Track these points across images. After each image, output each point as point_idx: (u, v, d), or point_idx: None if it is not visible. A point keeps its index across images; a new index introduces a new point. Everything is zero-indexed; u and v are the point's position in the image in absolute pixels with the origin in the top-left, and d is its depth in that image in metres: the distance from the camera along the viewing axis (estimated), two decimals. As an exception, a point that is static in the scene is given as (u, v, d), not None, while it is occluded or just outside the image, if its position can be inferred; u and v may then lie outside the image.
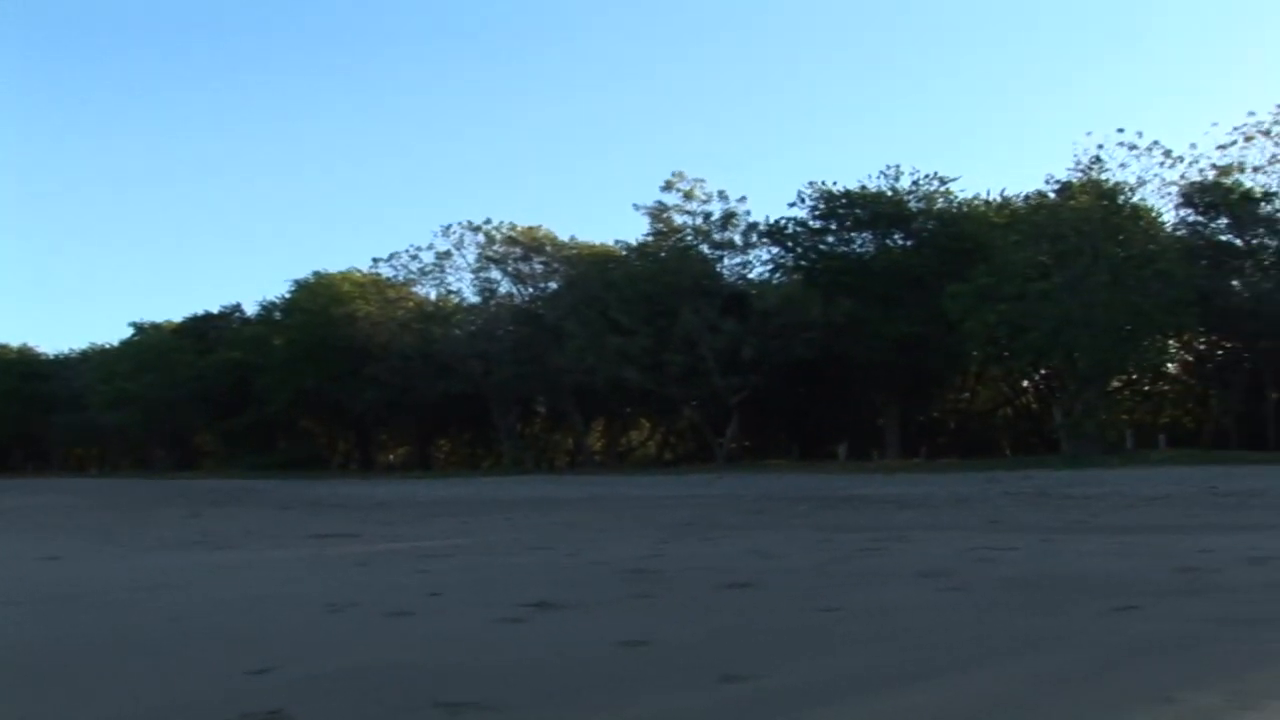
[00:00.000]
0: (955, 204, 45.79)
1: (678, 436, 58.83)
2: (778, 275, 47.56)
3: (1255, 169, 41.97)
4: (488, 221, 50.74)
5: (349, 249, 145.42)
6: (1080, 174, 41.31)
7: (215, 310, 63.54)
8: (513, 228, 50.61)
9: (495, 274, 51.32)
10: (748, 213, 46.34)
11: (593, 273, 46.80)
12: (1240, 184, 42.20)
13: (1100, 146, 41.47)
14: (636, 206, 46.79)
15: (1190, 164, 42.43)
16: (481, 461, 58.75)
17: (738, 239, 46.60)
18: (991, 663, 5.62)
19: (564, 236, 51.30)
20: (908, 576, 9.32)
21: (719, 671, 5.45)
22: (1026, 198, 44.05)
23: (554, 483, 36.36)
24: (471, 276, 51.65)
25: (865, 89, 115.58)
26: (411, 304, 53.08)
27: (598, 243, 51.07)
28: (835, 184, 45.69)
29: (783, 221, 46.43)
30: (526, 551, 13.13)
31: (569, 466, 53.24)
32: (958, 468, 35.29)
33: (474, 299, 52.20)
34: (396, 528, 19.00)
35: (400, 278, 53.57)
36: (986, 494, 22.21)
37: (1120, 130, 42.82)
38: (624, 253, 48.43)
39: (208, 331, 61.07)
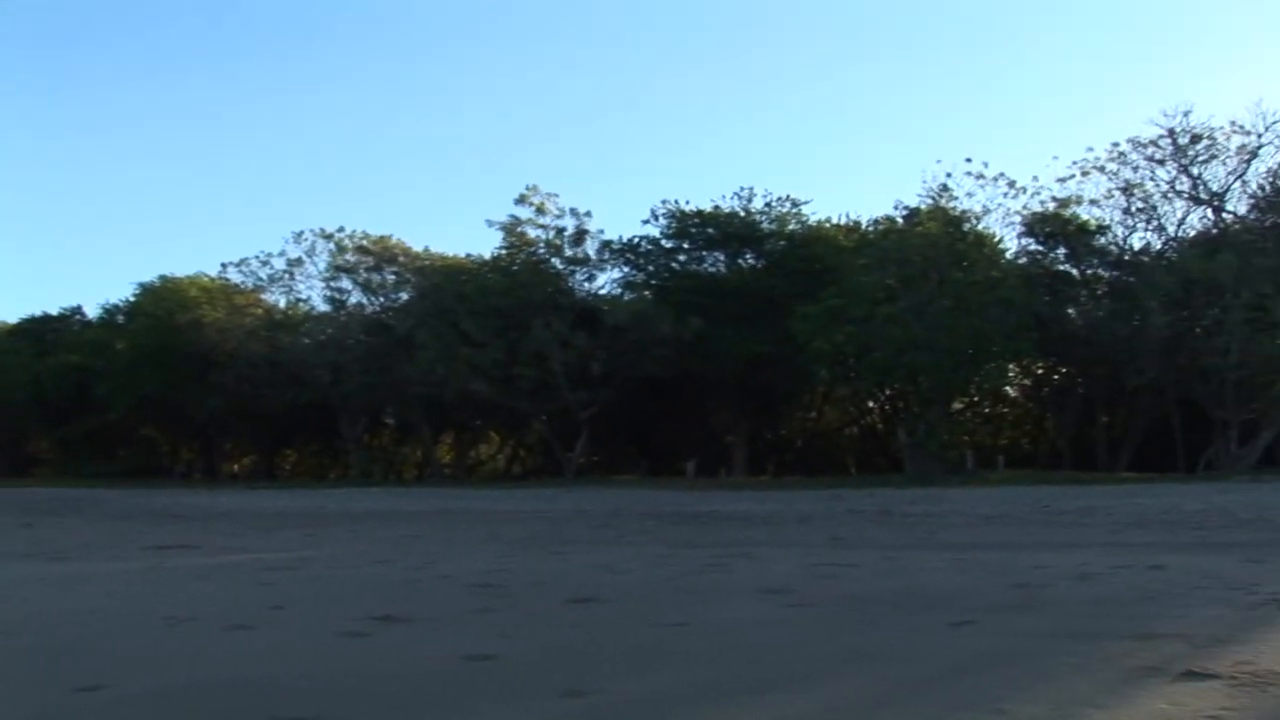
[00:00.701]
0: (806, 226, 46.53)
1: (527, 450, 58.67)
2: (629, 292, 47.81)
3: (1092, 202, 43.61)
4: (340, 229, 50.16)
5: (197, 253, 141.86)
6: (928, 201, 42.34)
7: (54, 312, 61.32)
8: (365, 237, 50.06)
9: (346, 283, 50.72)
10: (600, 232, 46.69)
11: (445, 284, 46.53)
12: (1078, 216, 43.73)
13: (948, 175, 42.65)
14: (490, 222, 46.70)
15: (1032, 195, 43.91)
16: (328, 472, 57.84)
17: (590, 255, 46.79)
18: (830, 676, 5.74)
19: (417, 247, 50.93)
20: (751, 592, 9.44)
21: (563, 686, 5.47)
22: (876, 222, 45.06)
23: (401, 495, 35.97)
24: (322, 285, 51.07)
25: (721, 110, 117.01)
26: (260, 311, 52.12)
27: (451, 254, 50.78)
28: (688, 203, 46.14)
29: (635, 239, 46.77)
30: (372, 564, 12.99)
31: (417, 479, 52.71)
32: (804, 485, 35.81)
33: (324, 308, 51.54)
34: (239, 539, 18.61)
35: (249, 284, 52.65)
36: (831, 511, 22.56)
37: (968, 160, 44.12)
38: (476, 265, 48.23)
39: (45, 334, 58.94)
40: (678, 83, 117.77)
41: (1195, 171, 41.73)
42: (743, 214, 45.81)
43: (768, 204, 46.06)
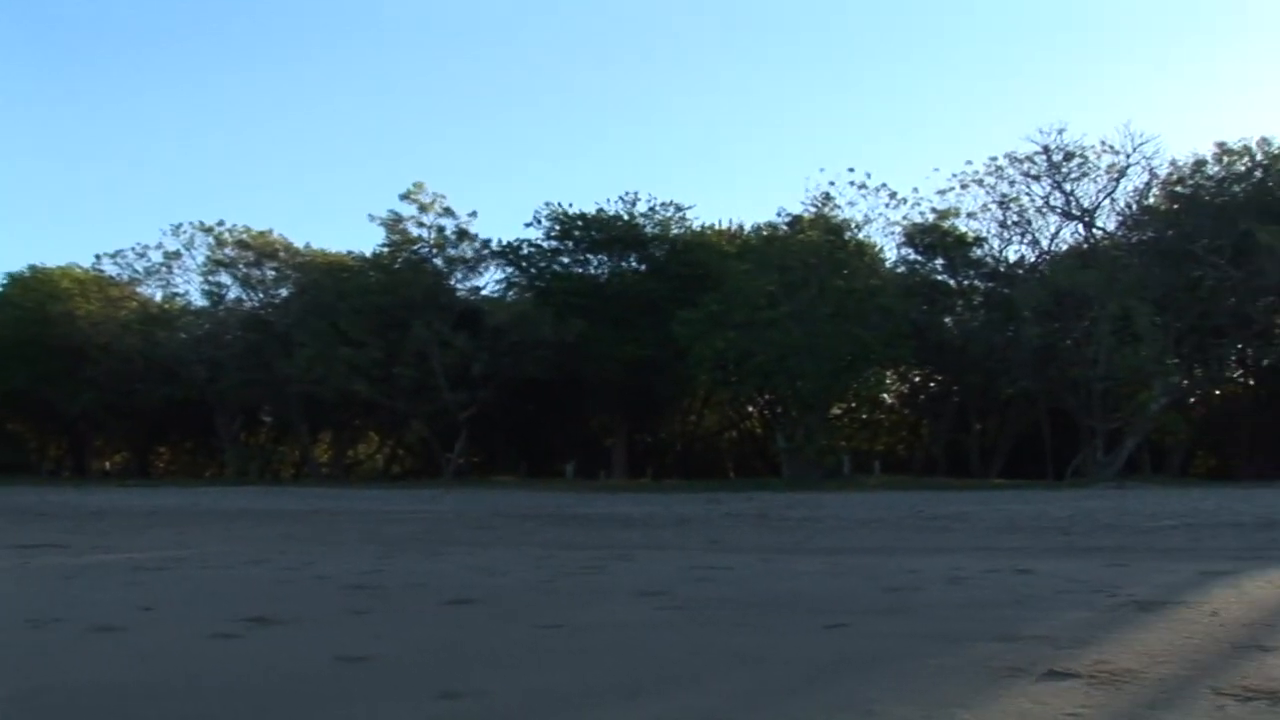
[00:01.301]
0: (690, 231, 46.78)
1: (406, 450, 58.25)
2: (511, 293, 47.69)
3: (970, 215, 44.58)
4: (220, 223, 49.27)
5: (70, 244, 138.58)
6: (811, 209, 42.84)
7: (-84, 300, 59.19)
8: (246, 231, 49.21)
9: (225, 278, 49.94)
10: (486, 239, 46.51)
11: (325, 282, 45.96)
12: (956, 228, 44.62)
13: (831, 184, 43.32)
14: (372, 217, 46.25)
15: (912, 206, 44.73)
16: (203, 471, 56.86)
17: (471, 255, 46.55)
18: (705, 678, 5.77)
19: (299, 243, 50.20)
20: (628, 594, 9.46)
21: (438, 688, 5.44)
22: (759, 229, 45.41)
23: (278, 494, 35.42)
24: (200, 279, 50.13)
25: (607, 115, 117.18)
26: (135, 304, 50.97)
27: (333, 251, 50.13)
28: (572, 206, 46.14)
29: (518, 241, 46.69)
30: (246, 564, 12.76)
31: (294, 478, 52.10)
32: (682, 488, 35.98)
33: (202, 303, 50.65)
34: (109, 538, 18.15)
35: (125, 277, 51.45)
36: (709, 515, 22.65)
37: (850, 170, 44.84)
38: (358, 263, 47.71)
39: (-95, 322, 56.94)
40: (564, 85, 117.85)
41: (1068, 188, 42.95)
42: (626, 218, 45.95)
43: (652, 208, 46.33)
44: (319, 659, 6.32)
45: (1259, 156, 40.56)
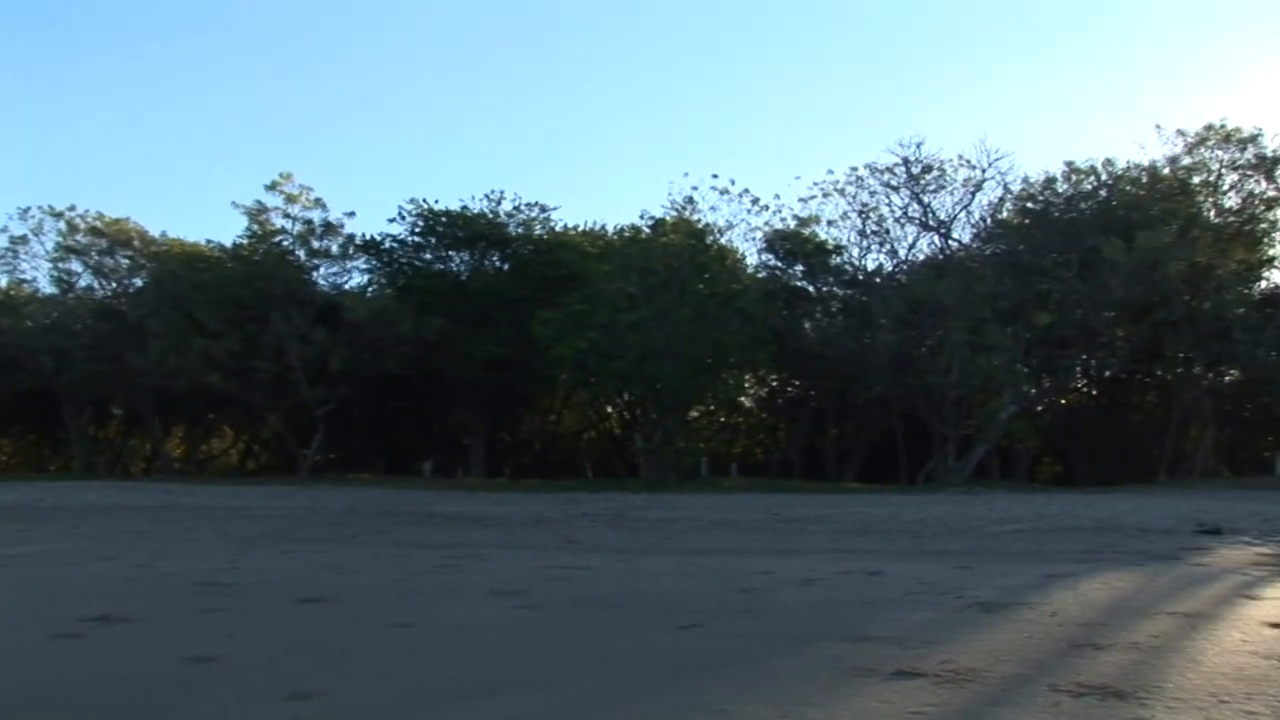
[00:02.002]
0: (553, 231, 46.67)
1: (261, 446, 57.19)
2: (373, 288, 47.14)
3: (830, 223, 45.22)
4: (71, 208, 47.68)
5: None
6: (674, 212, 43.06)
7: None
8: (99, 217, 47.73)
9: (76, 265, 48.29)
10: (352, 233, 45.88)
11: (182, 271, 44.81)
12: (816, 235, 45.25)
13: (695, 188, 43.54)
14: (235, 204, 45.33)
15: (774, 213, 45.22)
16: (49, 464, 54.95)
17: (335, 249, 45.88)
18: (558, 678, 5.79)
19: (154, 231, 48.91)
20: (482, 594, 9.44)
21: (287, 689, 5.38)
22: (621, 230, 45.49)
23: (127, 489, 34.45)
24: (49, 266, 48.40)
25: (474, 112, 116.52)
26: (-22, 290, 49.14)
27: (190, 241, 48.97)
28: (437, 203, 45.70)
29: (381, 236, 46.12)
30: (92, 561, 12.44)
31: (145, 472, 50.74)
32: (540, 488, 35.88)
33: (50, 290, 48.91)
34: (-57, 533, 17.56)
35: (-32, 261, 49.49)
36: (566, 514, 22.65)
37: (715, 175, 45.18)
38: (217, 254, 46.66)
39: None
40: (433, 82, 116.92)
41: (925, 200, 43.81)
42: (491, 216, 45.67)
43: (516, 207, 46.07)
44: (165, 659, 6.20)
45: (1104, 176, 41.93)
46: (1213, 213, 41.77)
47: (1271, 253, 42.16)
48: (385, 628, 7.49)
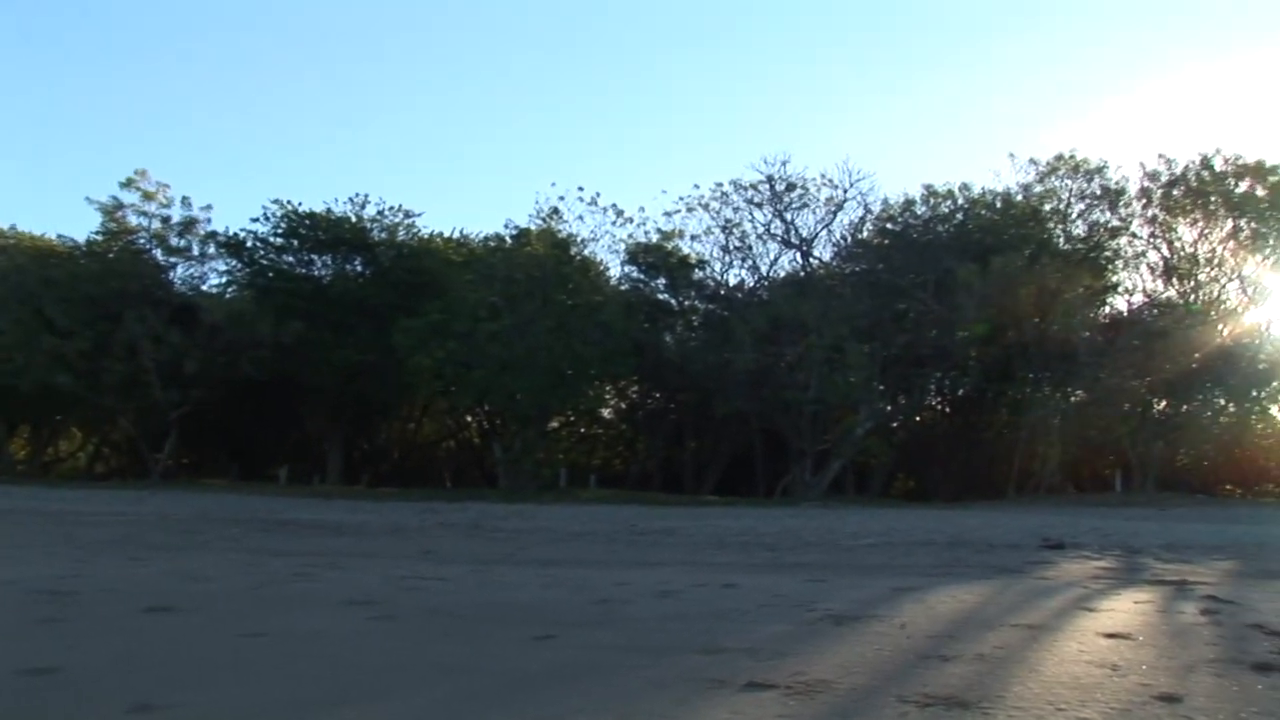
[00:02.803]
0: (417, 238, 46.29)
1: (111, 449, 55.62)
2: (232, 290, 46.22)
3: (693, 237, 45.58)
4: (-90, 201, 45.92)
5: None
6: (538, 222, 43.08)
7: None
8: (-58, 212, 46.03)
9: (-82, 258, 46.46)
10: (209, 220, 44.81)
11: (31, 267, 43.37)
12: (679, 249, 45.57)
13: (560, 199, 43.66)
14: (90, 200, 44.04)
15: (638, 225, 45.45)
16: (-122, 467, 52.77)
17: (194, 248, 44.85)
18: (410, 689, 5.75)
19: (2, 225, 47.36)
20: (335, 603, 9.32)
21: (131, 700, 5.25)
22: (486, 239, 45.33)
23: (-35, 493, 33.30)
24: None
25: (341, 115, 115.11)
26: None
27: (40, 236, 47.49)
28: (300, 204, 45.00)
29: (241, 235, 45.19)
30: (-77, 567, 12.01)
31: (-15, 475, 48.98)
32: (398, 497, 35.50)
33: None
34: None
35: None
36: (423, 524, 22.46)
37: (580, 187, 45.21)
38: (69, 249, 45.30)
39: None
40: (298, 82, 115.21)
41: (789, 217, 44.42)
42: (355, 220, 45.12)
43: (380, 212, 45.59)
44: (2, 672, 6.01)
45: (960, 200, 43.11)
46: (1062, 239, 43.15)
47: (1115, 279, 43.65)
48: (235, 637, 7.36)
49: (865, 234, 44.67)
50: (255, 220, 45.23)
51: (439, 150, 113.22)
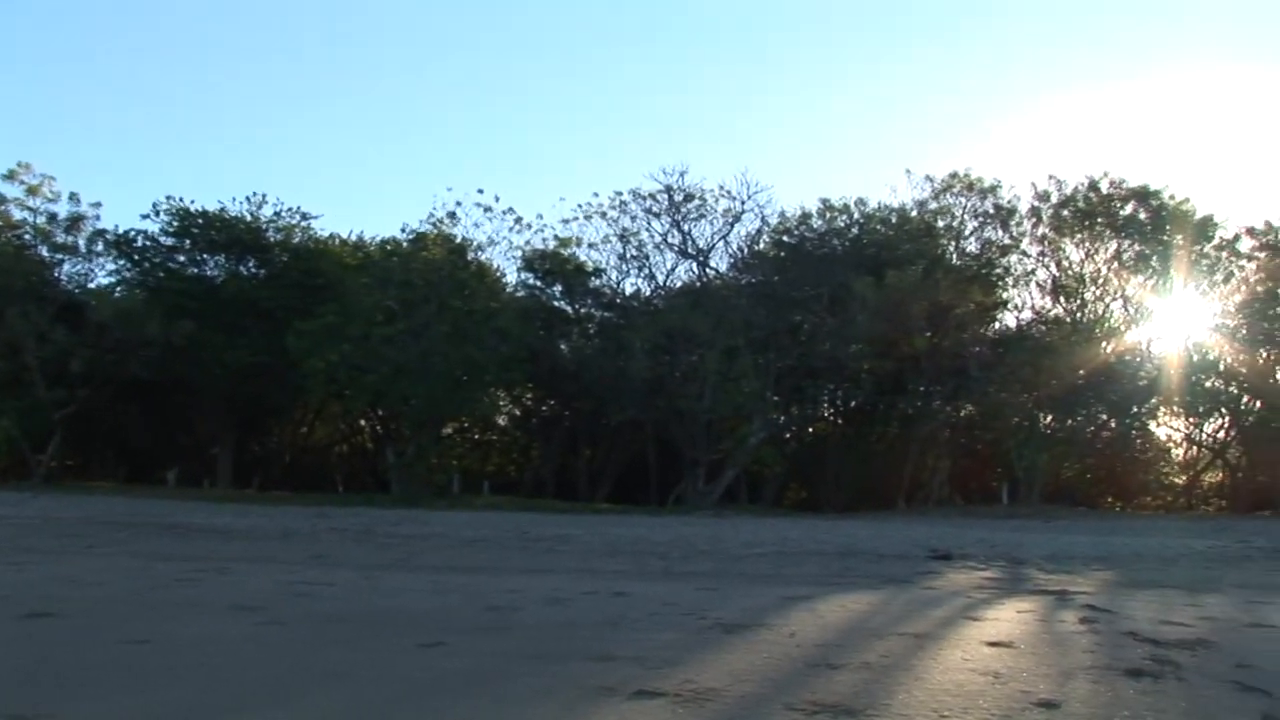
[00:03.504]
0: (313, 240, 45.78)
1: (-8, 450, 54.18)
2: (121, 288, 45.29)
3: (591, 245, 45.67)
4: None
5: None
6: (435, 227, 42.84)
7: None
8: None
9: None
10: (98, 218, 43.81)
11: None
12: (576, 257, 45.62)
13: (458, 204, 43.40)
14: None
15: (536, 232, 45.39)
16: None
17: (82, 245, 43.84)
18: (297, 696, 5.70)
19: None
20: (223, 609, 9.20)
21: (6, 711, 5.15)
22: (383, 243, 44.97)
23: None
24: None
25: (236, 110, 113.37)
26: None
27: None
28: (193, 202, 44.22)
29: (132, 233, 44.27)
30: None
31: None
32: (289, 501, 35.10)
33: None
34: None
35: None
36: (314, 529, 22.22)
37: (479, 191, 45.04)
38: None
39: None
40: (194, 78, 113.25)
41: (686, 228, 44.69)
42: (250, 220, 44.49)
43: (277, 213, 45.02)
44: None
45: (856, 215, 43.72)
46: (954, 256, 43.93)
47: (1005, 296, 44.55)
48: (118, 644, 7.23)
49: (762, 246, 45.08)
50: (146, 218, 44.42)
51: (338, 151, 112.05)
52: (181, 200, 44.13)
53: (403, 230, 44.13)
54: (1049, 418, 42.47)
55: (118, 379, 40.80)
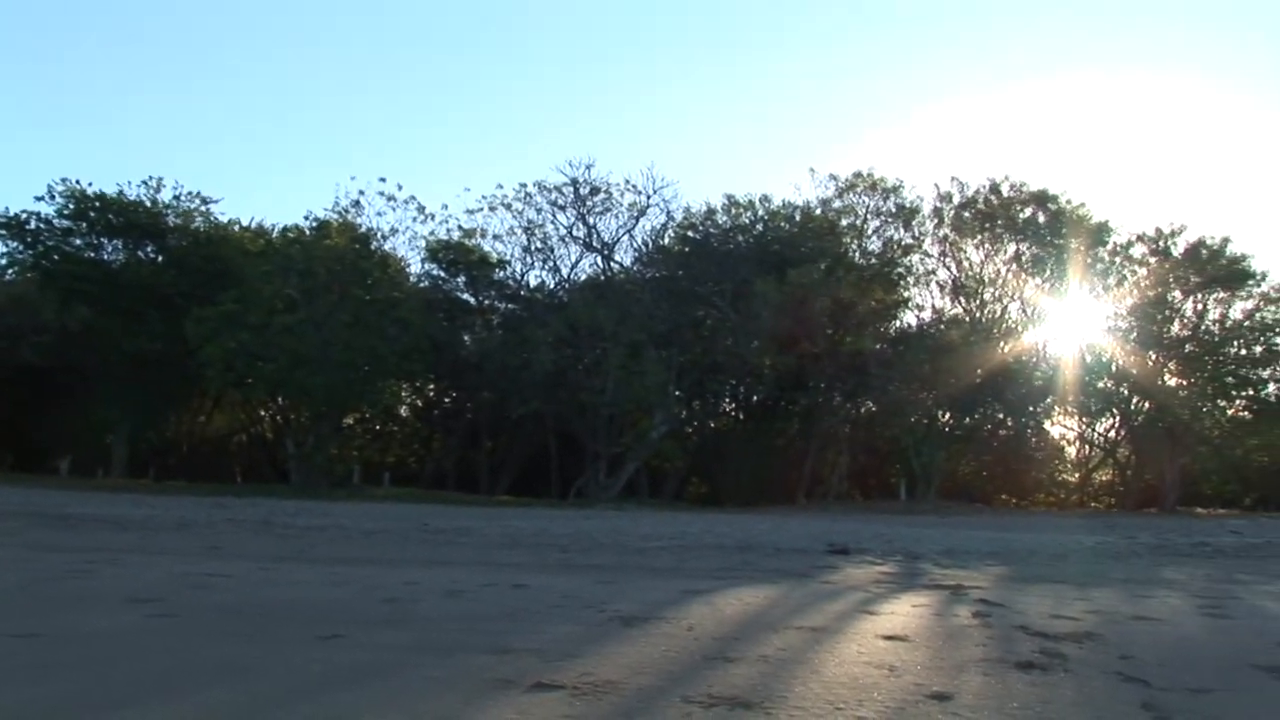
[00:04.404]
0: (214, 225, 45.10)
1: (-127, 438, 52.77)
2: (12, 271, 44.26)
3: (495, 237, 45.58)
4: None
5: None
6: (338, 215, 42.47)
7: None
8: None
9: None
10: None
11: None
12: (481, 248, 45.48)
13: (362, 192, 43.11)
14: None
15: (440, 223, 45.24)
16: None
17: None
18: (192, 690, 5.63)
19: None
20: (116, 601, 9.04)
21: (-112, 705, 5.04)
22: (285, 230, 44.46)
23: None
24: None
25: (137, 92, 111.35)
26: None
27: None
28: (90, 185, 43.31)
29: (24, 214, 43.22)
30: None
31: None
32: (186, 491, 34.59)
33: None
34: None
35: None
36: (211, 519, 21.91)
37: (383, 180, 44.75)
38: None
39: None
40: (92, 55, 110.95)
41: (591, 221, 44.80)
42: (149, 204, 43.67)
43: (176, 197, 44.29)
44: None
45: (760, 212, 44.11)
46: (857, 254, 44.47)
47: (906, 295, 45.21)
48: (7, 638, 7.08)
49: (666, 241, 45.33)
50: (40, 200, 43.41)
51: (239, 138, 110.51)
52: (78, 183, 43.25)
53: (306, 218, 43.78)
54: (947, 416, 43.22)
55: (9, 365, 39.94)
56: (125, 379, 42.12)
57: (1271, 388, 43.61)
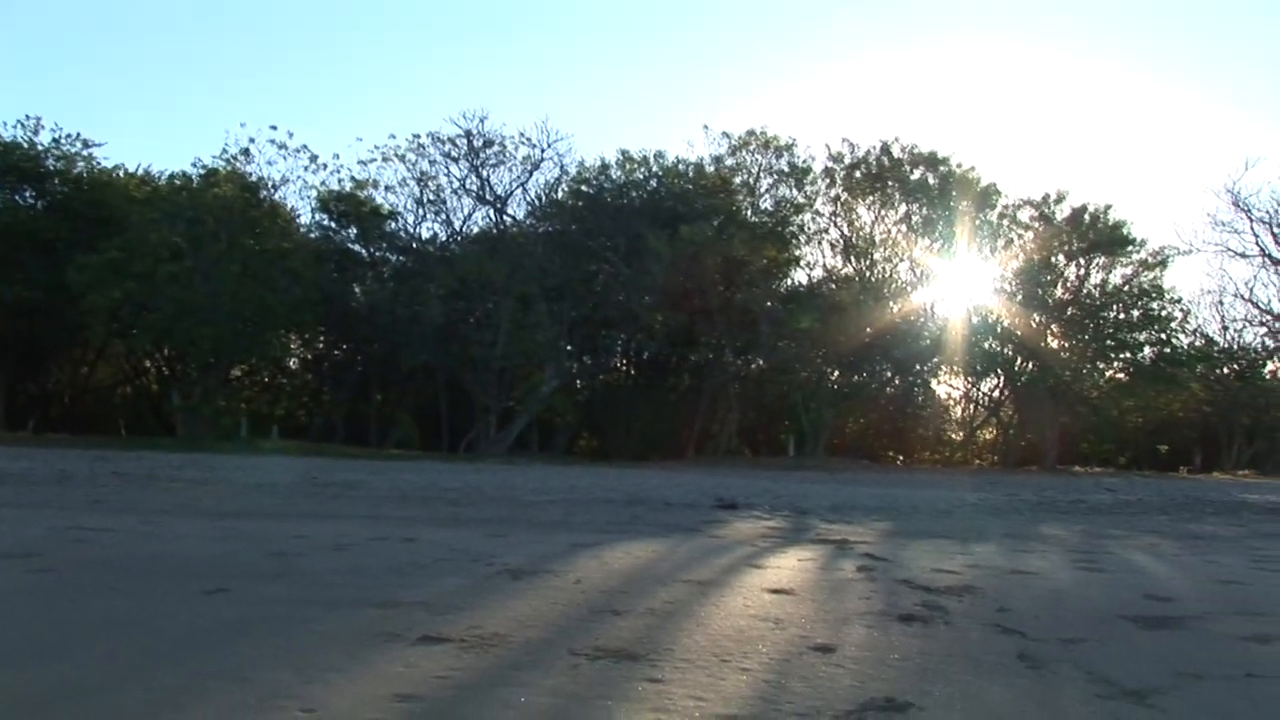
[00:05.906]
0: (97, 170, 43.91)
1: None
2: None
3: (388, 188, 45.11)
4: None
5: None
6: (228, 163, 41.70)
7: None
8: None
9: None
10: None
11: None
12: (372, 199, 44.98)
13: (251, 140, 42.29)
14: None
15: (332, 173, 44.59)
16: None
17: None
18: (74, 647, 5.55)
19: None
20: (-7, 556, 8.89)
21: None
22: (172, 177, 43.51)
23: None
24: None
25: (9, 27, 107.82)
26: None
27: None
28: (-34, 128, 41.92)
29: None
30: None
31: None
32: (67, 444, 33.85)
33: None
34: None
35: None
36: (94, 472, 21.52)
37: (273, 128, 43.98)
38: None
39: None
40: None
41: (484, 174, 44.48)
42: (26, 146, 42.40)
43: (56, 140, 43.01)
44: None
45: (654, 168, 44.14)
46: (749, 212, 44.74)
47: (797, 253, 45.58)
48: (-124, 592, 6.92)
49: (560, 195, 45.22)
50: (-90, 143, 41.96)
51: (124, 82, 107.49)
52: (-48, 125, 41.81)
53: (193, 165, 42.90)
54: (836, 374, 43.78)
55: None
56: (3, 328, 41.03)
57: (1147, 351, 44.77)
